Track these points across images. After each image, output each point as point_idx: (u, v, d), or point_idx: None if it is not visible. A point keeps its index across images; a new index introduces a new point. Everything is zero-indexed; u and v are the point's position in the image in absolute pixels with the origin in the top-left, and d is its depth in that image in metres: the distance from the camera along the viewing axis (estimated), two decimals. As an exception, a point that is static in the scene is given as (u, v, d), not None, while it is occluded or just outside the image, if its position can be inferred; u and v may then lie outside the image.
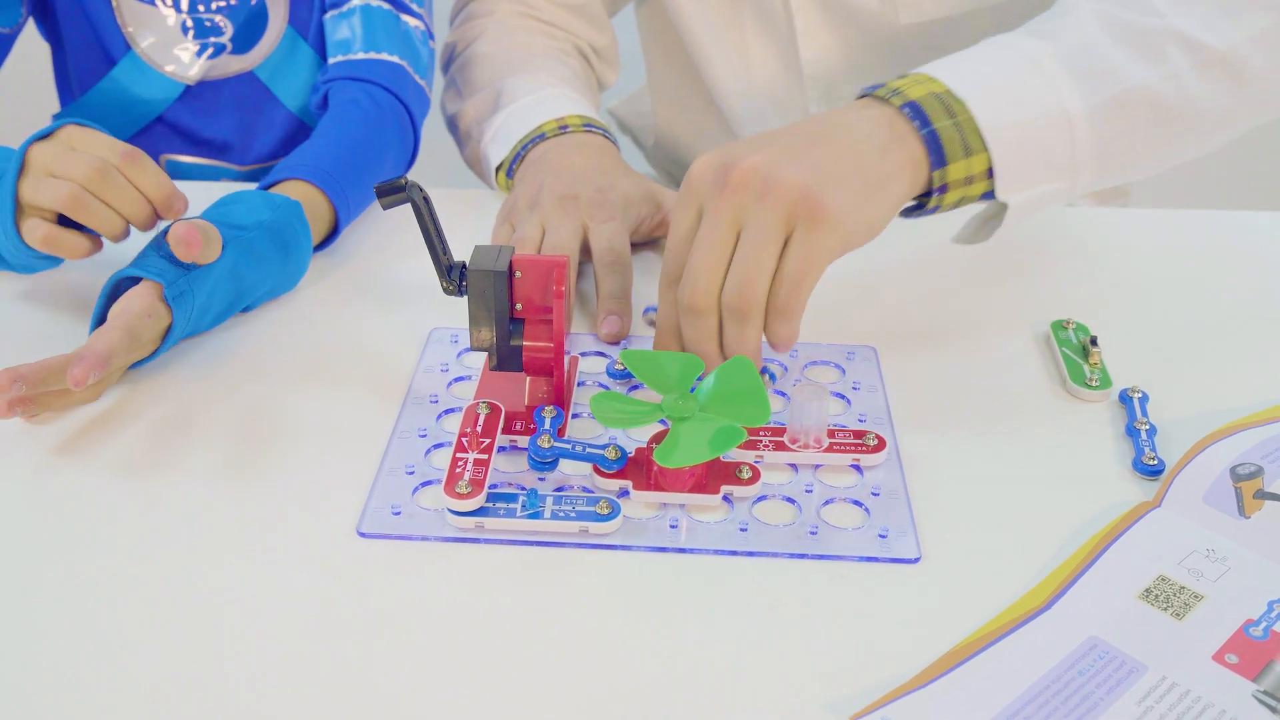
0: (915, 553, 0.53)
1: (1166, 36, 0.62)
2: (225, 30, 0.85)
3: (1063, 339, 0.67)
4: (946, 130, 0.59)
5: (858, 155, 0.58)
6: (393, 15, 0.84)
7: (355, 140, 0.78)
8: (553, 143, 0.80)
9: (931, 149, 0.59)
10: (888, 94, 0.61)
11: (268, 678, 0.46)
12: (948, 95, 0.60)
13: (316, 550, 0.52)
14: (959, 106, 0.59)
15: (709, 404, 0.55)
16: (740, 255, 0.55)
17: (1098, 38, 0.62)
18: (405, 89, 0.83)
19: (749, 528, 0.54)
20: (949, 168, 0.59)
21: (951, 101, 0.59)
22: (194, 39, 0.86)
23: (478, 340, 0.60)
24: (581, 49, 0.95)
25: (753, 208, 0.55)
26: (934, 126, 0.59)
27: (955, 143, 0.59)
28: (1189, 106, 0.63)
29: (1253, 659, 0.47)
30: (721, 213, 0.56)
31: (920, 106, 0.59)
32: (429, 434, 0.59)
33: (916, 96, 0.60)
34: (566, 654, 0.48)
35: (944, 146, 0.59)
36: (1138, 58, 0.62)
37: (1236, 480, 0.56)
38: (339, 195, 0.74)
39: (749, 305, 0.55)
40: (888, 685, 0.46)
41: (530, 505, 0.53)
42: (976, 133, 0.59)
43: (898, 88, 0.61)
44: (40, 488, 0.56)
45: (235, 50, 0.87)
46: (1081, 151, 0.61)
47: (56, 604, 0.50)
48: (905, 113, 0.59)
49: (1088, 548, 0.53)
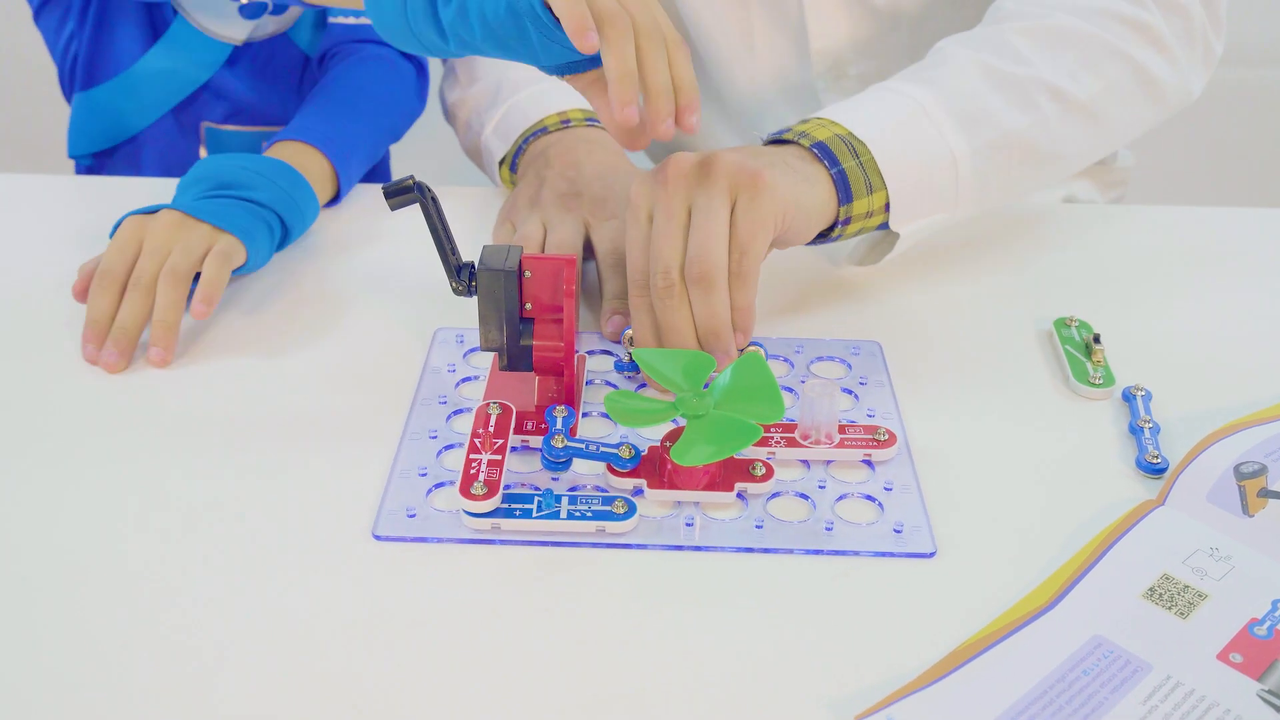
0: (930, 547, 0.53)
1: (1037, 86, 0.70)
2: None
3: (1066, 337, 0.68)
4: (853, 170, 0.65)
5: (788, 160, 0.64)
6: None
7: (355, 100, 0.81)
8: (555, 137, 0.79)
9: (839, 186, 0.65)
10: (796, 136, 0.66)
11: (285, 681, 0.47)
12: (850, 137, 0.66)
13: (332, 554, 0.53)
14: (861, 148, 0.66)
15: (723, 401, 0.55)
16: (694, 229, 0.60)
17: (978, 85, 0.69)
18: None
19: (764, 525, 0.54)
20: (854, 203, 0.66)
21: (854, 143, 0.66)
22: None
23: (487, 340, 0.60)
24: None
25: (697, 189, 0.60)
26: (842, 166, 0.65)
27: (860, 181, 0.65)
28: (1055, 148, 0.71)
29: (1257, 658, 0.48)
30: (670, 200, 0.60)
31: (828, 147, 0.65)
32: (440, 435, 0.60)
33: (824, 138, 0.66)
34: (584, 653, 0.48)
35: (850, 184, 0.65)
36: (1013, 105, 0.69)
37: (1240, 479, 0.56)
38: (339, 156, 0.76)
39: (711, 271, 0.59)
40: (899, 682, 0.47)
41: (546, 506, 0.54)
42: (877, 172, 0.66)
43: (804, 130, 0.67)
44: (49, 487, 0.56)
45: (273, 10, 0.88)
46: (964, 187, 0.69)
47: (65, 605, 0.50)
48: (814, 153, 0.65)
49: (1091, 546, 0.54)
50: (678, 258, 0.60)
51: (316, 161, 0.77)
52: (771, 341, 0.68)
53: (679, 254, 0.60)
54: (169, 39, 0.88)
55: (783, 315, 0.71)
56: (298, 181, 0.73)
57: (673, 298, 0.60)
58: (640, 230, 0.62)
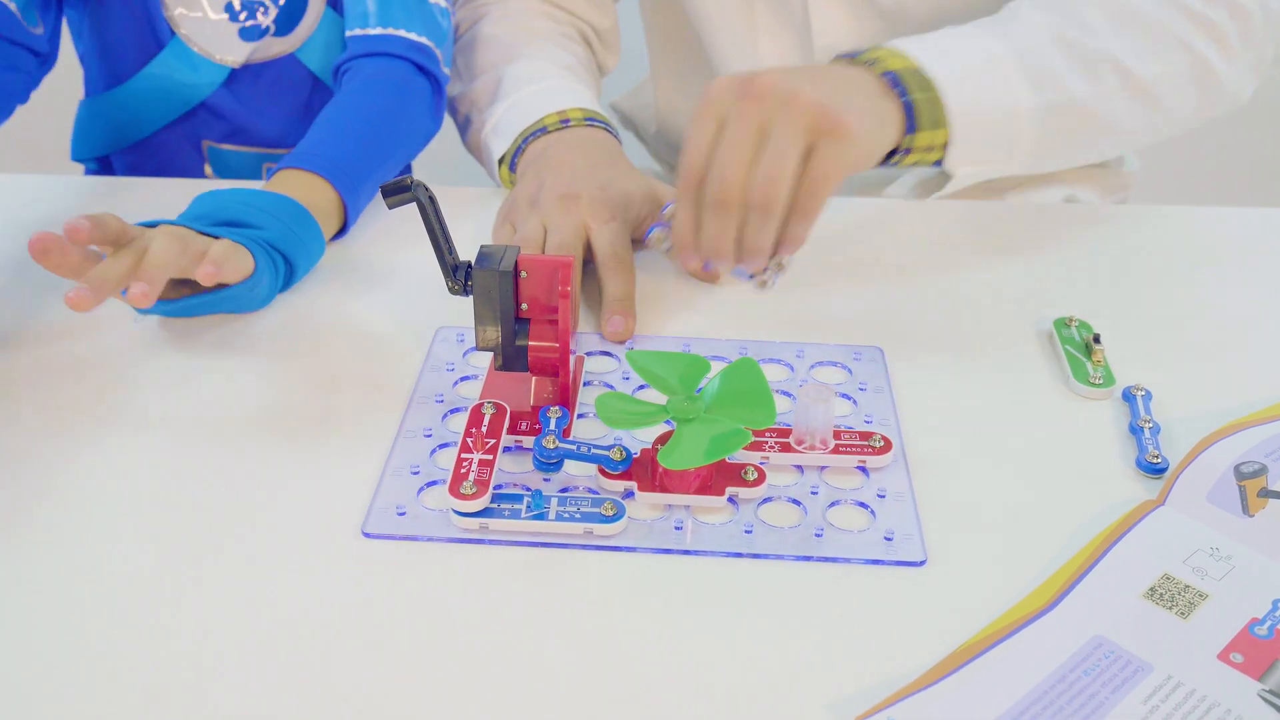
0: (921, 555, 0.53)
1: (1104, 59, 0.71)
2: (269, 11, 0.85)
3: (1065, 337, 0.67)
4: (921, 102, 0.67)
5: (864, 93, 0.66)
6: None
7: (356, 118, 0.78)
8: (554, 137, 0.80)
9: (907, 115, 0.66)
10: (867, 62, 0.68)
11: (272, 678, 0.46)
12: (918, 73, 0.67)
13: (321, 550, 0.53)
14: (930, 85, 0.67)
15: (714, 405, 0.55)
16: (767, 155, 0.61)
17: (1048, 48, 0.70)
18: (429, 61, 0.82)
19: (754, 530, 0.54)
20: (918, 135, 0.67)
21: (924, 79, 0.67)
22: (237, 22, 0.86)
23: (483, 340, 0.60)
24: (584, 32, 0.95)
25: (778, 115, 0.61)
26: (912, 97, 0.66)
27: (926, 115, 0.67)
28: (1111, 122, 0.73)
29: (1258, 658, 0.47)
30: (748, 117, 0.61)
31: (899, 77, 0.67)
32: (434, 434, 0.59)
33: (896, 68, 0.67)
34: (571, 655, 0.48)
35: (918, 115, 0.67)
36: (1079, 73, 0.71)
37: (1240, 479, 0.56)
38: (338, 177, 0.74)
39: (773, 200, 0.61)
40: (892, 686, 0.46)
41: (535, 506, 0.54)
42: (942, 109, 0.67)
43: (876, 58, 0.68)
44: (45, 485, 0.56)
45: (278, 32, 0.87)
46: (1022, 142, 0.70)
47: (54, 602, 0.50)
48: (886, 80, 0.66)
49: (1091, 547, 0.53)
50: (743, 177, 0.61)
51: (324, 194, 0.73)
52: (773, 345, 0.67)
53: (744, 174, 0.61)
54: (167, 54, 0.87)
55: (785, 318, 0.70)
56: (305, 220, 0.70)
57: (726, 213, 0.61)
58: (707, 131, 0.63)
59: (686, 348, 0.67)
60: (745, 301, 0.72)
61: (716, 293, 0.73)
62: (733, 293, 0.73)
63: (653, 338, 0.68)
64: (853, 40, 0.93)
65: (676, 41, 1.01)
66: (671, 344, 0.67)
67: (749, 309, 0.71)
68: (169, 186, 0.83)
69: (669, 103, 1.06)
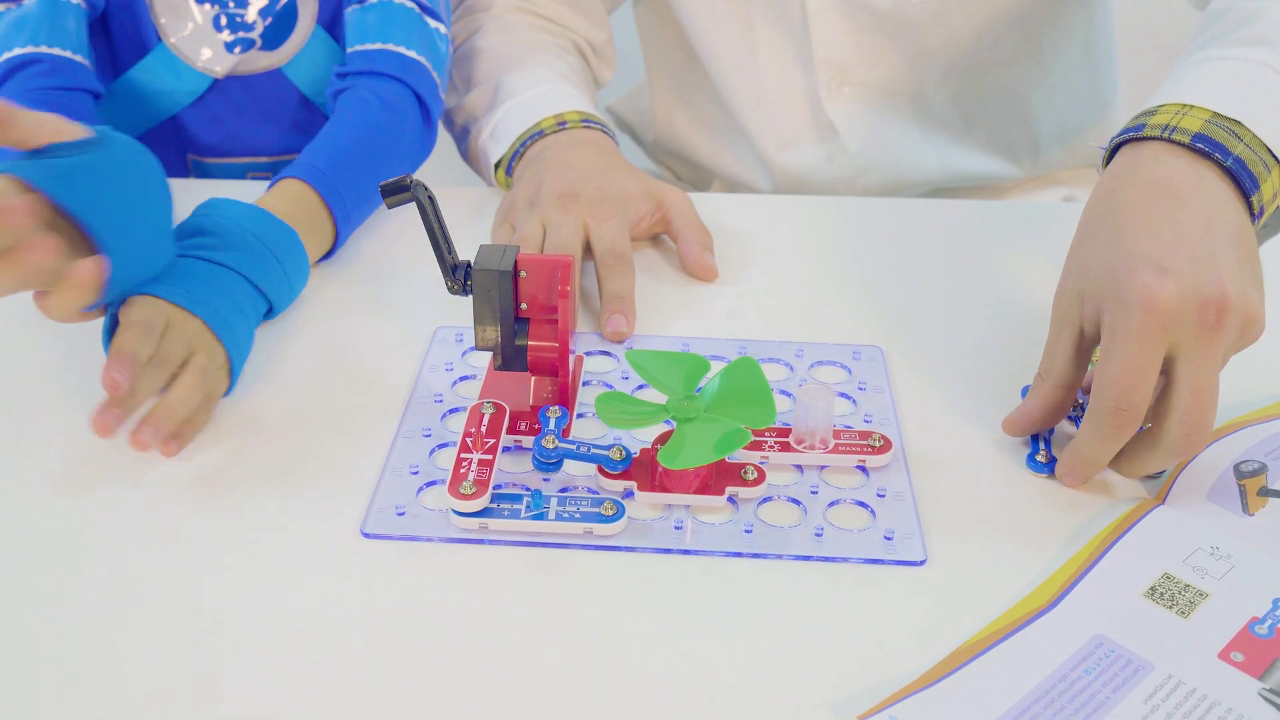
0: (921, 555, 0.53)
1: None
2: (256, 25, 0.85)
3: (1066, 336, 0.67)
4: (1245, 154, 0.57)
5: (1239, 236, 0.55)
6: (417, 15, 0.83)
7: (355, 140, 0.77)
8: (551, 139, 0.80)
9: (1241, 177, 0.56)
10: (1161, 133, 0.57)
11: (271, 678, 0.46)
12: (1219, 119, 0.57)
13: (320, 551, 0.52)
14: (1239, 128, 0.57)
15: (714, 405, 0.55)
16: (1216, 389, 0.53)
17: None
18: (423, 84, 0.82)
19: (754, 529, 0.54)
20: (1262, 189, 0.57)
21: (1228, 124, 0.57)
22: (224, 33, 0.85)
23: (482, 340, 0.60)
24: (579, 45, 0.95)
25: (1234, 345, 0.54)
26: (1235, 154, 0.56)
27: (1257, 164, 0.57)
28: None
29: (1259, 657, 0.47)
30: (1217, 355, 0.53)
31: (1209, 137, 0.56)
32: (433, 434, 0.59)
33: (1197, 128, 0.57)
34: (570, 655, 0.48)
35: (1252, 170, 0.57)
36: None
37: (1240, 477, 0.56)
38: (334, 196, 0.73)
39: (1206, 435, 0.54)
40: (893, 686, 0.46)
41: (535, 506, 0.53)
42: (1265, 149, 0.58)
43: (1166, 123, 0.57)
44: (43, 484, 0.56)
45: (265, 46, 0.87)
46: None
47: (54, 604, 0.50)
48: (1199, 148, 0.56)
49: (1092, 546, 0.53)
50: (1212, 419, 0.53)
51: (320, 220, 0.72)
52: (772, 344, 0.67)
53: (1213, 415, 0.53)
54: (151, 59, 0.86)
55: (784, 318, 0.70)
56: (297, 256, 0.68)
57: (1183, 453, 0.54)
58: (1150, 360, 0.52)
59: (686, 347, 0.67)
60: (744, 301, 0.72)
61: (716, 292, 0.73)
62: (732, 293, 0.73)
63: (652, 337, 0.68)
64: (854, 53, 0.92)
65: (673, 52, 1.01)
66: (671, 344, 0.67)
67: (748, 309, 0.71)
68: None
69: (666, 110, 1.06)
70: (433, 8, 0.85)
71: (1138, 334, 0.52)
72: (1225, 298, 0.52)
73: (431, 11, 0.85)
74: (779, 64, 0.95)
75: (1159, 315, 0.51)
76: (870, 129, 0.96)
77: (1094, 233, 0.56)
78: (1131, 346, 0.52)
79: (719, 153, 1.03)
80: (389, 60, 0.82)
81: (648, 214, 0.76)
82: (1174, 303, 0.51)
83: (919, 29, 0.91)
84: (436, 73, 0.84)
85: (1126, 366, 0.52)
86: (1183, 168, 0.56)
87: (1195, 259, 0.53)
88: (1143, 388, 0.52)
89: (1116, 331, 0.52)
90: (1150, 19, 1.37)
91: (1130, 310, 0.52)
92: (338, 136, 0.77)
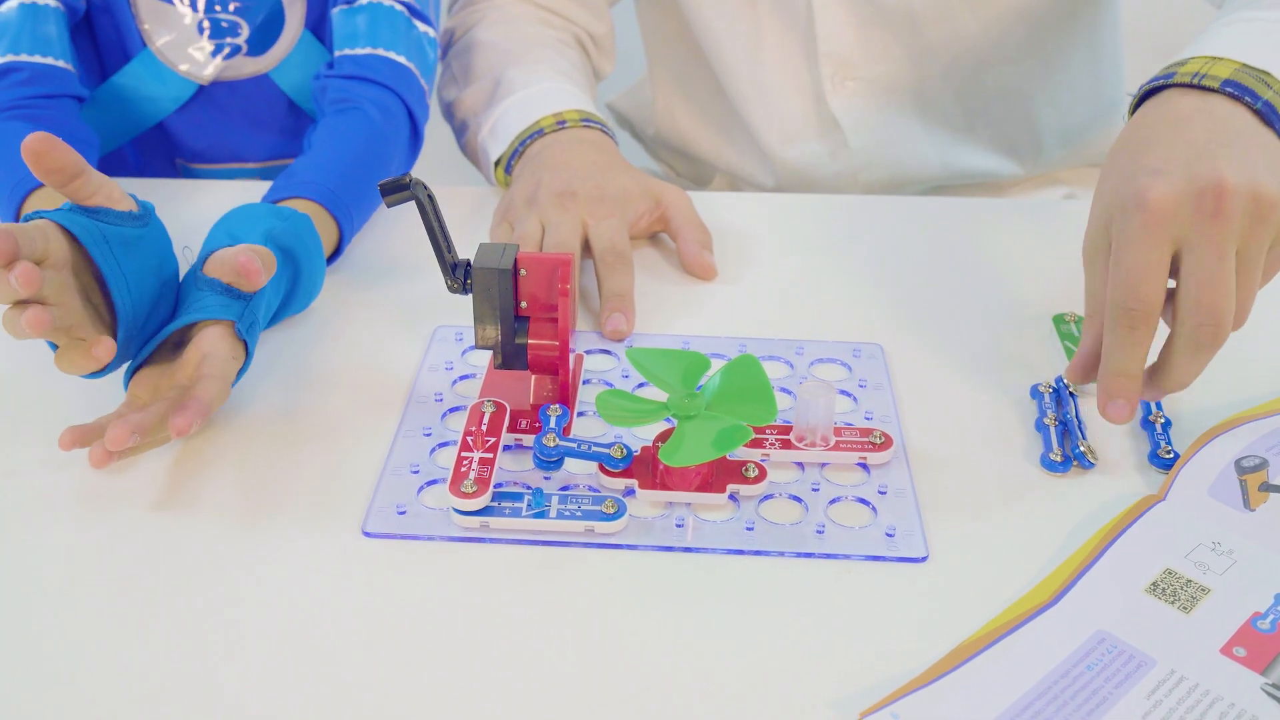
0: (923, 551, 0.53)
1: None
2: (242, 31, 0.85)
3: (1065, 333, 0.67)
4: (1275, 99, 0.57)
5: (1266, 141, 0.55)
6: (406, 18, 0.83)
7: (358, 155, 0.76)
8: (550, 138, 0.80)
9: (1271, 119, 0.56)
10: (1193, 79, 0.57)
11: (273, 677, 0.46)
12: (1247, 69, 0.57)
13: (321, 550, 0.52)
14: (1268, 77, 0.57)
15: (715, 402, 0.55)
16: (1245, 281, 0.53)
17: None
18: (411, 91, 0.81)
19: (755, 526, 0.54)
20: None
21: (1256, 73, 0.57)
22: (210, 39, 0.85)
23: (482, 338, 0.60)
24: (580, 38, 0.95)
25: (1251, 230, 0.53)
26: (1265, 98, 0.56)
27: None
28: None
29: (1261, 652, 0.47)
30: (1225, 243, 0.52)
31: (1238, 82, 0.57)
32: (434, 433, 0.59)
33: (1227, 75, 0.57)
34: (572, 653, 0.48)
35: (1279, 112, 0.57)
36: None
37: (1241, 473, 0.56)
38: (344, 214, 0.72)
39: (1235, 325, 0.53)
40: (896, 683, 0.46)
41: (536, 504, 0.53)
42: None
43: (1198, 70, 0.58)
44: (40, 483, 0.56)
45: (251, 52, 0.86)
46: None
47: (54, 602, 0.50)
48: (1229, 92, 0.56)
49: (1093, 542, 0.53)
50: (1230, 310, 0.53)
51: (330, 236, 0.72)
52: (772, 342, 0.67)
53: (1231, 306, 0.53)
54: (136, 65, 0.86)
55: (784, 315, 0.70)
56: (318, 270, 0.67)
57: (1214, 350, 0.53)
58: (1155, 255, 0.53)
59: (686, 345, 0.67)
60: (744, 299, 0.72)
61: (716, 290, 0.73)
62: (732, 290, 0.73)
63: (652, 336, 0.68)
64: (858, 47, 0.92)
65: (675, 45, 1.01)
66: (671, 342, 0.67)
67: (748, 306, 0.71)
68: (143, 186, 0.83)
69: (667, 105, 1.06)
70: (421, 10, 0.84)
71: (1138, 234, 0.53)
72: (1222, 182, 0.52)
73: (420, 14, 0.84)
74: (783, 57, 0.95)
75: (1156, 213, 0.52)
76: (873, 124, 0.96)
77: (1109, 167, 0.57)
78: (1133, 246, 0.53)
79: (721, 147, 1.03)
80: (378, 66, 0.81)
81: (646, 212, 0.76)
82: (1170, 198, 0.52)
83: (924, 24, 0.91)
84: (424, 78, 0.83)
85: (1131, 266, 0.53)
86: (1219, 106, 0.56)
87: (1191, 159, 0.53)
88: (1149, 284, 0.53)
89: (1121, 237, 0.53)
90: (1158, 21, 1.37)
91: (1129, 214, 0.53)
92: (344, 151, 0.76)
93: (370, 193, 0.75)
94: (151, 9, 0.84)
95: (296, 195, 0.71)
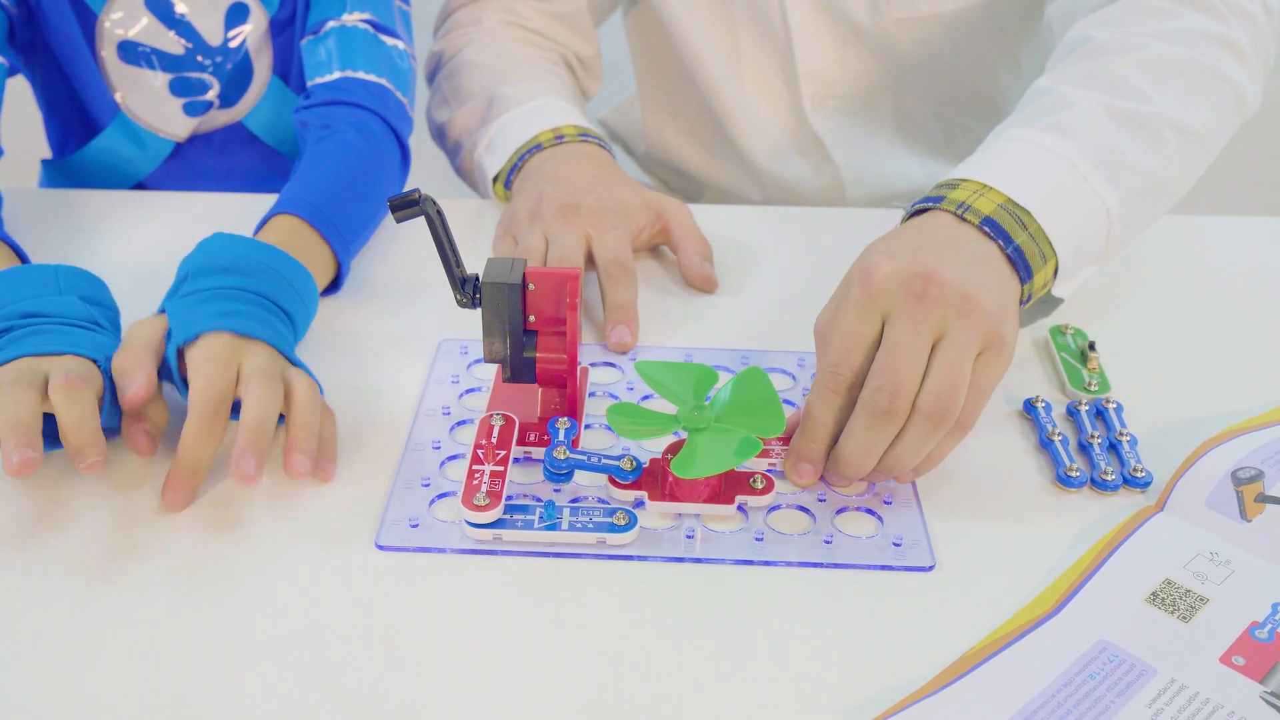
0: (930, 561, 0.54)
1: (1161, 122, 0.66)
2: (212, 87, 0.85)
3: (1061, 344, 0.68)
4: (1027, 244, 0.60)
5: (993, 272, 0.58)
6: (372, 36, 0.83)
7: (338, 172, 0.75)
8: (549, 153, 0.80)
9: (1019, 264, 0.60)
10: (956, 209, 0.60)
11: (288, 690, 0.47)
12: (1011, 205, 0.61)
13: (335, 563, 0.53)
14: (1026, 217, 0.61)
15: (724, 415, 0.56)
16: (943, 364, 0.55)
17: (1110, 130, 0.65)
18: (388, 108, 0.81)
19: (764, 537, 0.55)
20: (1035, 278, 0.61)
21: (1018, 211, 0.61)
22: (181, 97, 0.86)
23: (491, 352, 0.60)
24: (568, 59, 0.95)
25: (953, 323, 0.55)
26: (1016, 242, 0.60)
27: (1035, 255, 0.60)
28: (1179, 181, 0.69)
29: (1259, 661, 0.48)
30: (922, 322, 0.55)
31: (997, 223, 0.60)
32: (442, 446, 0.60)
33: (989, 211, 0.60)
34: (585, 663, 0.48)
35: (1029, 260, 0.60)
36: (1143, 145, 0.66)
37: (1238, 484, 0.57)
38: (328, 227, 0.71)
39: (948, 412, 0.55)
40: (902, 691, 0.47)
41: (548, 517, 0.54)
42: (1046, 241, 0.61)
43: (962, 200, 0.61)
44: (48, 488, 0.56)
45: (223, 105, 0.87)
46: (1113, 237, 0.65)
47: (68, 615, 0.50)
48: (986, 230, 0.60)
49: (1093, 553, 0.54)
50: (915, 388, 0.55)
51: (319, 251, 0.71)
52: (774, 354, 0.68)
53: (917, 385, 0.55)
54: (113, 129, 0.86)
55: (785, 328, 0.71)
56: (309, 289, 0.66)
57: (892, 423, 0.54)
58: (866, 328, 0.56)
59: (689, 358, 0.67)
60: (745, 311, 0.73)
61: (718, 303, 0.74)
62: (732, 302, 0.74)
63: (655, 348, 0.69)
64: (836, 66, 0.94)
65: (662, 64, 1.02)
66: (673, 355, 0.68)
67: (749, 319, 0.72)
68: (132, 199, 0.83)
69: (656, 123, 1.06)
70: (388, 26, 0.84)
71: (854, 305, 0.56)
72: (935, 272, 0.55)
73: (386, 29, 0.84)
74: (764, 77, 0.96)
75: (870, 288, 0.56)
76: (855, 141, 0.97)
77: None
78: (848, 315, 0.57)
79: (710, 164, 1.04)
80: (352, 88, 0.80)
81: (648, 225, 0.77)
82: (889, 276, 0.56)
83: (899, 45, 0.92)
84: (400, 91, 0.83)
85: (843, 332, 0.56)
86: (974, 240, 0.59)
87: (923, 251, 0.57)
88: (856, 352, 0.56)
89: (842, 306, 0.57)
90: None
91: (852, 286, 0.57)
92: (318, 169, 0.75)
93: (363, 210, 0.75)
94: (122, 74, 0.84)
95: (277, 212, 0.70)
